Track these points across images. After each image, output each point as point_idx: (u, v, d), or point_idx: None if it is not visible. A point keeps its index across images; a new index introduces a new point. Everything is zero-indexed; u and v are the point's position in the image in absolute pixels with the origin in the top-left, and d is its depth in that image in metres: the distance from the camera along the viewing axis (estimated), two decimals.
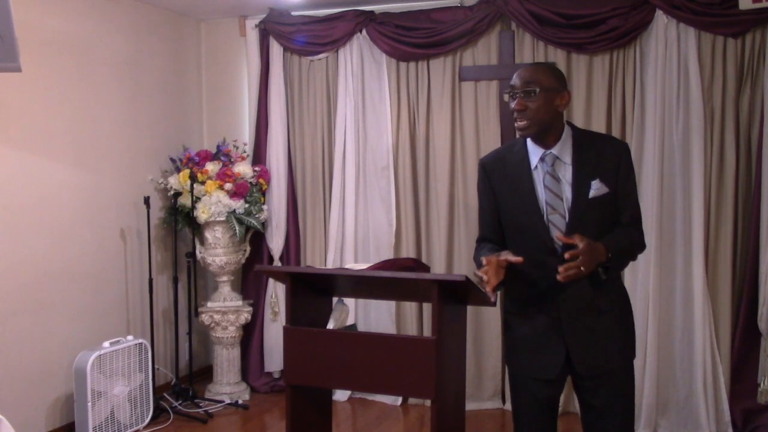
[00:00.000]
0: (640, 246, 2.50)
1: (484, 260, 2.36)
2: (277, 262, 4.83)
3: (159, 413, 4.35)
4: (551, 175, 2.40)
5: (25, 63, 3.12)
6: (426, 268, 3.11)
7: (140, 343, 4.19)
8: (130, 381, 4.11)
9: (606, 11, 4.06)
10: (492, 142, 4.39)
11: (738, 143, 3.96)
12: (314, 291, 2.97)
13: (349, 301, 3.33)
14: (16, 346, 3.81)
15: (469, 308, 3.00)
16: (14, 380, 3.80)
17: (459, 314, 2.86)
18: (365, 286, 2.98)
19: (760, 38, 3.88)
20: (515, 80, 2.40)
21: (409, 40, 4.46)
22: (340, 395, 4.68)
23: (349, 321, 3.05)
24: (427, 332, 4.48)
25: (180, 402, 4.48)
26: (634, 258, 2.54)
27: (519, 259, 2.32)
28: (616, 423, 2.47)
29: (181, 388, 4.57)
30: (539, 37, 4.22)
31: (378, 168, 4.64)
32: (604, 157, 2.40)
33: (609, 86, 4.16)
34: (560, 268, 2.24)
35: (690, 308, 4.02)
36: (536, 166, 2.44)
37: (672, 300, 4.07)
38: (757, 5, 3.72)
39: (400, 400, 4.63)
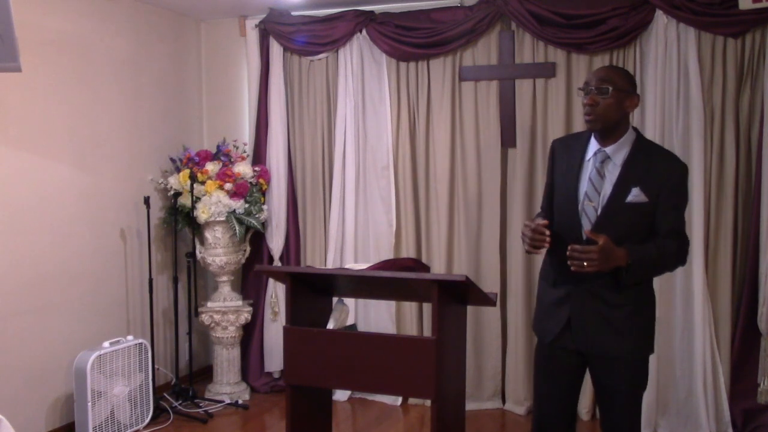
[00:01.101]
0: (678, 258, 2.61)
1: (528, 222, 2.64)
2: (277, 262, 4.83)
3: (159, 413, 4.35)
4: (598, 170, 2.59)
5: (25, 63, 3.12)
6: (426, 268, 3.11)
7: (140, 343, 4.19)
8: (130, 381, 4.11)
9: (606, 11, 4.06)
10: (492, 142, 4.40)
11: (738, 143, 3.96)
12: (314, 291, 2.97)
13: (349, 301, 3.33)
14: (16, 346, 3.81)
15: (469, 308, 3.01)
16: (14, 380, 3.80)
17: (459, 314, 2.86)
18: (365, 286, 2.98)
19: (760, 38, 3.88)
20: (590, 77, 2.59)
21: (409, 40, 4.46)
22: (340, 395, 4.68)
23: (349, 321, 3.05)
24: (427, 332, 4.48)
25: (180, 402, 4.48)
26: (668, 269, 2.69)
27: (545, 222, 2.57)
28: (621, 407, 2.63)
29: (181, 388, 4.57)
30: (539, 37, 4.22)
31: (378, 168, 4.64)
32: (655, 169, 2.54)
33: None
34: (569, 254, 2.47)
35: (690, 308, 4.01)
36: (589, 159, 2.63)
37: (672, 300, 4.07)
38: (757, 5, 3.72)
39: (400, 400, 4.63)
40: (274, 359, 4.85)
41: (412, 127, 4.58)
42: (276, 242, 4.83)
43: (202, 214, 4.50)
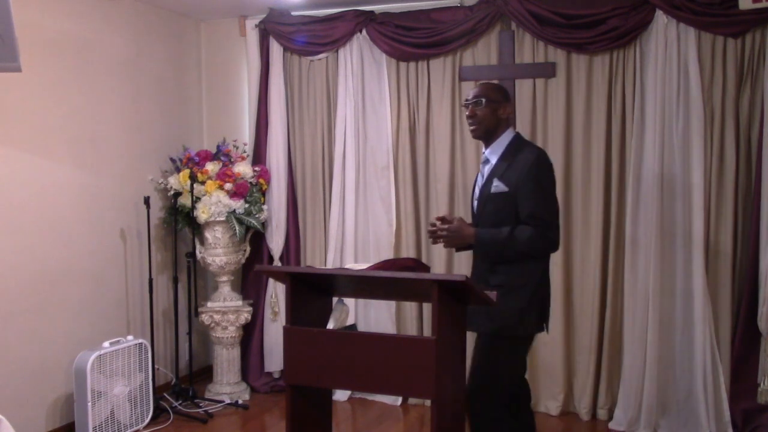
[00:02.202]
0: (534, 242, 2.86)
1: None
2: (277, 262, 4.83)
3: (159, 413, 4.35)
4: (480, 171, 3.09)
5: (25, 63, 3.11)
6: (426, 268, 3.11)
7: (140, 343, 4.19)
8: (130, 381, 4.11)
9: (606, 11, 4.06)
10: None
11: (738, 143, 3.96)
12: (314, 291, 2.97)
13: (349, 301, 3.32)
14: (16, 345, 3.82)
15: None
16: (14, 380, 3.80)
17: (459, 314, 2.85)
18: (365, 286, 2.98)
19: (760, 38, 3.88)
20: (469, 94, 3.04)
21: (409, 40, 4.46)
22: (340, 395, 4.68)
23: (349, 321, 3.05)
24: (427, 332, 4.48)
25: (180, 402, 4.48)
26: (527, 252, 2.89)
27: (438, 216, 3.07)
28: (474, 381, 2.97)
29: (181, 388, 4.57)
30: (539, 37, 4.22)
31: (378, 168, 4.64)
32: (515, 163, 2.93)
33: (609, 86, 4.16)
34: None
35: (690, 308, 4.02)
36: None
37: (672, 300, 4.07)
38: (757, 5, 3.72)
39: (400, 400, 4.63)
40: (274, 359, 4.85)
41: (412, 127, 4.58)
42: (276, 242, 4.82)
43: (202, 214, 4.50)
